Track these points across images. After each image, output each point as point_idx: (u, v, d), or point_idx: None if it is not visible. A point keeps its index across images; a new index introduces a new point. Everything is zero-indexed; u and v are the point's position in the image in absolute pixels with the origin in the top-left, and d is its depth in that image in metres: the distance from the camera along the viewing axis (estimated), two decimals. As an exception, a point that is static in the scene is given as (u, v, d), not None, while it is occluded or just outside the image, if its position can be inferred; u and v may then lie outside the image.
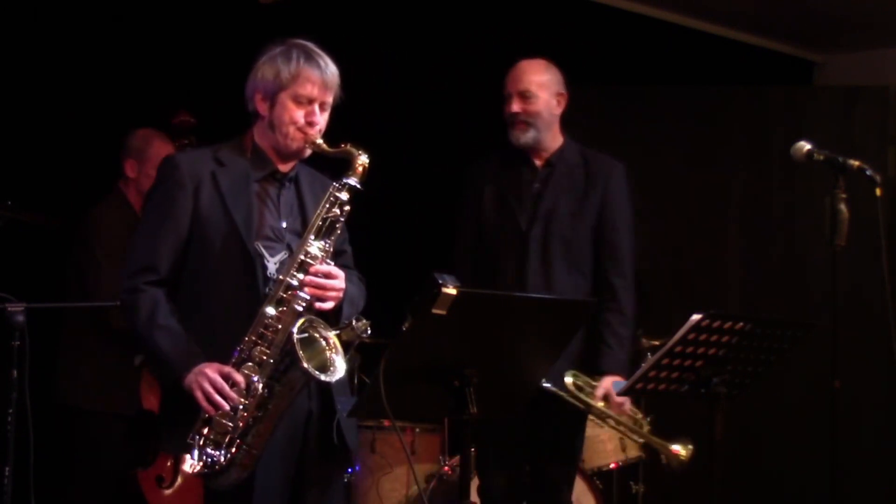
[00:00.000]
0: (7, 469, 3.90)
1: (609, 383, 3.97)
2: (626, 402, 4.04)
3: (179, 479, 4.46)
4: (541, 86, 4.00)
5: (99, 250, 4.43)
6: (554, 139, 4.08)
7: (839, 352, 3.55)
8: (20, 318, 3.86)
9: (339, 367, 2.95)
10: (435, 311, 2.74)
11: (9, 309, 3.85)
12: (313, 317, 2.98)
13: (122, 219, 4.54)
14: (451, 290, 2.73)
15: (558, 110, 4.06)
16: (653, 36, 6.60)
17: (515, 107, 3.98)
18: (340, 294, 3.06)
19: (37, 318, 3.94)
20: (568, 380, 3.85)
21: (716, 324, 3.22)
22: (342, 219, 3.05)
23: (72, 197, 4.73)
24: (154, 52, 4.95)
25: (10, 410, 3.87)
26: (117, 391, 4.44)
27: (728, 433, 3.35)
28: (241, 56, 5.06)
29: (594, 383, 3.90)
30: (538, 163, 4.06)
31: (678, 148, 6.43)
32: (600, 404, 3.94)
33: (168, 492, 4.48)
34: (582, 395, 3.86)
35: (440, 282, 2.74)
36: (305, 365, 2.86)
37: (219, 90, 4.98)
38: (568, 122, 6.08)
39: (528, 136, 4.00)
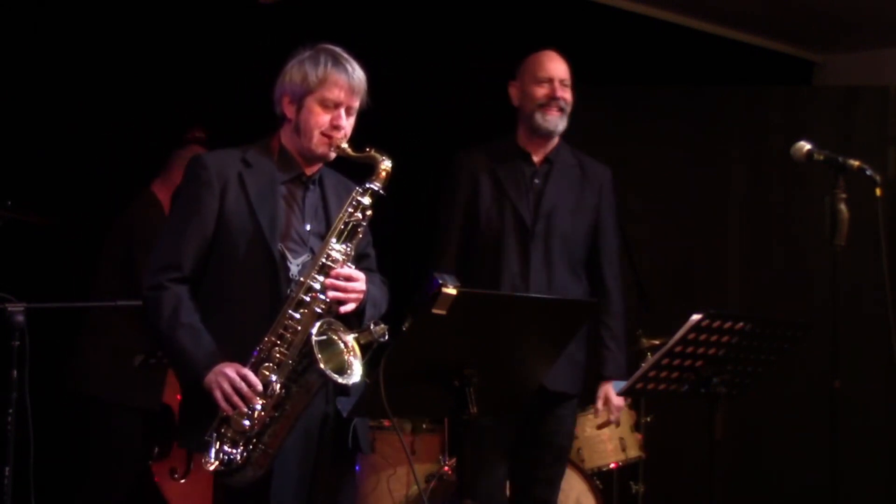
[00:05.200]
0: (7, 469, 3.89)
1: (609, 388, 4.03)
2: (622, 404, 4.11)
3: (192, 471, 4.49)
4: (571, 78, 4.02)
5: (140, 250, 4.44)
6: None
7: (839, 352, 3.55)
8: (20, 318, 3.86)
9: (356, 371, 2.96)
10: (435, 311, 2.74)
11: (9, 309, 3.85)
12: (332, 319, 2.99)
13: (158, 218, 4.55)
14: (451, 290, 2.73)
15: None
16: (653, 36, 6.60)
17: (561, 92, 3.95)
18: (361, 297, 3.07)
19: (37, 318, 3.94)
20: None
21: (716, 324, 3.23)
22: (364, 223, 3.07)
23: (72, 197, 4.73)
24: (153, 51, 4.95)
25: (10, 410, 3.87)
26: (137, 386, 4.46)
27: (728, 433, 3.36)
28: (241, 56, 5.11)
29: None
30: (536, 159, 4.03)
31: (678, 148, 6.42)
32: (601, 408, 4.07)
33: (181, 483, 4.50)
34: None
35: (440, 282, 2.74)
36: (322, 366, 2.88)
37: (218, 90, 5.00)
38: (568, 121, 6.11)
39: (563, 124, 3.98)
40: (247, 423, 2.93)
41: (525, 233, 3.93)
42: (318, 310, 2.98)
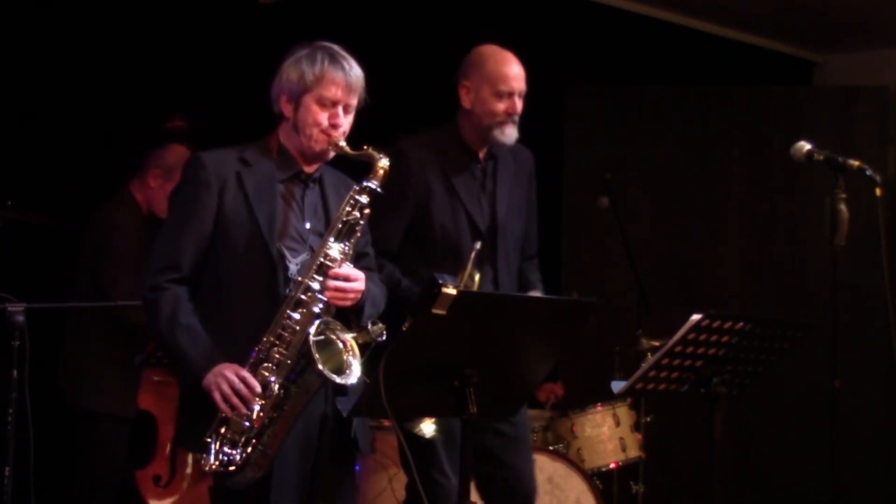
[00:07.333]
0: (7, 469, 3.90)
1: None
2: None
3: (176, 478, 4.47)
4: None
5: (114, 251, 4.42)
6: None
7: (839, 352, 3.55)
8: (20, 318, 3.86)
9: (355, 370, 2.95)
10: (435, 311, 2.74)
11: (9, 309, 3.85)
12: (330, 319, 2.99)
13: (133, 219, 4.53)
14: (451, 290, 2.73)
15: None
16: (652, 36, 6.60)
17: (519, 106, 3.74)
18: (359, 296, 3.07)
19: (37, 318, 3.94)
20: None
21: (716, 324, 3.23)
22: (362, 222, 3.06)
23: (72, 197, 4.73)
24: (154, 51, 4.95)
25: (10, 410, 3.87)
26: (122, 394, 4.43)
27: (728, 433, 3.36)
28: (241, 56, 5.10)
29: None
30: (481, 155, 3.82)
31: (678, 148, 6.43)
32: None
33: (165, 490, 4.48)
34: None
35: (440, 282, 2.74)
36: (321, 367, 2.88)
37: (219, 89, 5.00)
38: (568, 121, 6.11)
39: (516, 133, 3.76)
40: (246, 423, 2.93)
41: (482, 239, 3.70)
42: (317, 309, 2.98)
